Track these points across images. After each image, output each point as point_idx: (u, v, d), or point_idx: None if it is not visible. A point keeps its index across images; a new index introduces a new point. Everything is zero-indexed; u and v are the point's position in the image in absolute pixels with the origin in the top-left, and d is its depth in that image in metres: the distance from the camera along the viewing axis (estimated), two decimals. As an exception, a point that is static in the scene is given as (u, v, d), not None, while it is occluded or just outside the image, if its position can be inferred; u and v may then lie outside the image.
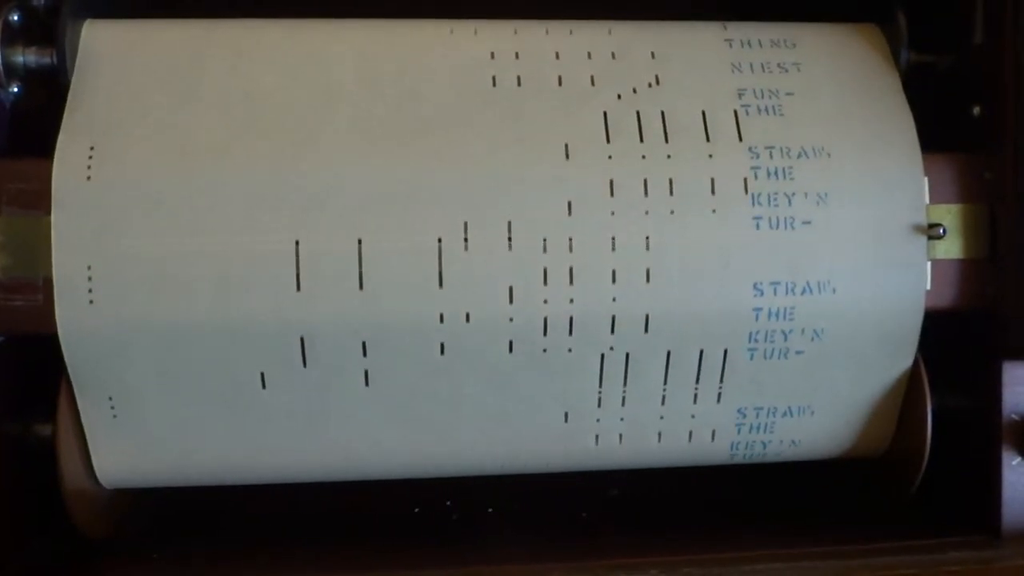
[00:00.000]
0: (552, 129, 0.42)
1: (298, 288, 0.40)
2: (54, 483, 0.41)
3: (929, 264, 0.44)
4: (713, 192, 0.42)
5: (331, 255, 0.40)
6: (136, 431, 0.42)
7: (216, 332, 0.40)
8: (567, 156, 0.42)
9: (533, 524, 0.49)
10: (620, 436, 0.44)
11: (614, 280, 0.41)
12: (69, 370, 0.41)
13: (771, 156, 0.43)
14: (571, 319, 0.42)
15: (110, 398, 0.41)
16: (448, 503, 0.50)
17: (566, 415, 0.44)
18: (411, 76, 0.43)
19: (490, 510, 0.50)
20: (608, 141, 0.42)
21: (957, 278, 0.45)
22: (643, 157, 0.42)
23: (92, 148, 0.40)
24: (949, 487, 0.47)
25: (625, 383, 0.43)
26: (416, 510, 0.50)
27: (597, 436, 0.44)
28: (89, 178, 0.40)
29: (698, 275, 0.42)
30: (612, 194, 0.42)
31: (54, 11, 0.43)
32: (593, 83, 0.43)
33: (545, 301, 0.41)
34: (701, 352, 0.43)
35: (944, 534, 0.46)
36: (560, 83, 0.43)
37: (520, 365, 0.42)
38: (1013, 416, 0.45)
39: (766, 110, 0.43)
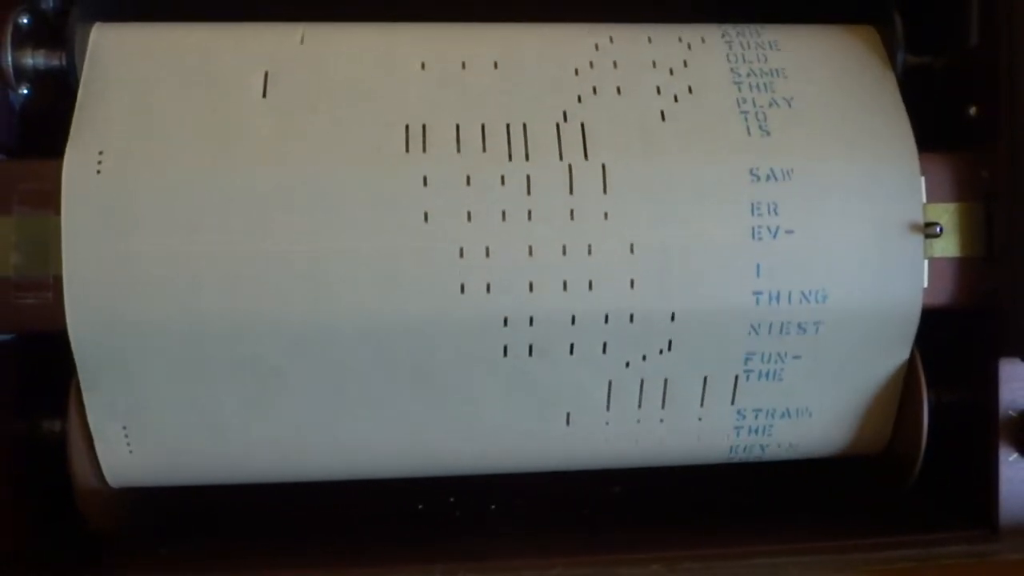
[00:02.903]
0: (557, 401, 0.43)
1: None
2: (63, 480, 0.42)
3: (926, 262, 0.44)
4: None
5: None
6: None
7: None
8: (568, 423, 0.44)
9: (535, 521, 0.50)
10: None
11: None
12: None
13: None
14: None
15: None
16: (451, 500, 0.51)
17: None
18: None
19: (493, 507, 0.51)
20: (608, 409, 0.44)
21: (954, 276, 0.45)
22: (638, 421, 0.44)
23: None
24: (947, 483, 0.47)
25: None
26: (420, 507, 0.50)
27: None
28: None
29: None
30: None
31: (63, 14, 0.43)
32: (605, 351, 0.43)
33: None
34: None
35: (941, 529, 0.46)
36: (572, 351, 0.43)
37: None
38: (1010, 412, 0.45)
39: (768, 375, 0.44)
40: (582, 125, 0.43)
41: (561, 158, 0.42)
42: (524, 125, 0.43)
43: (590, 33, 0.46)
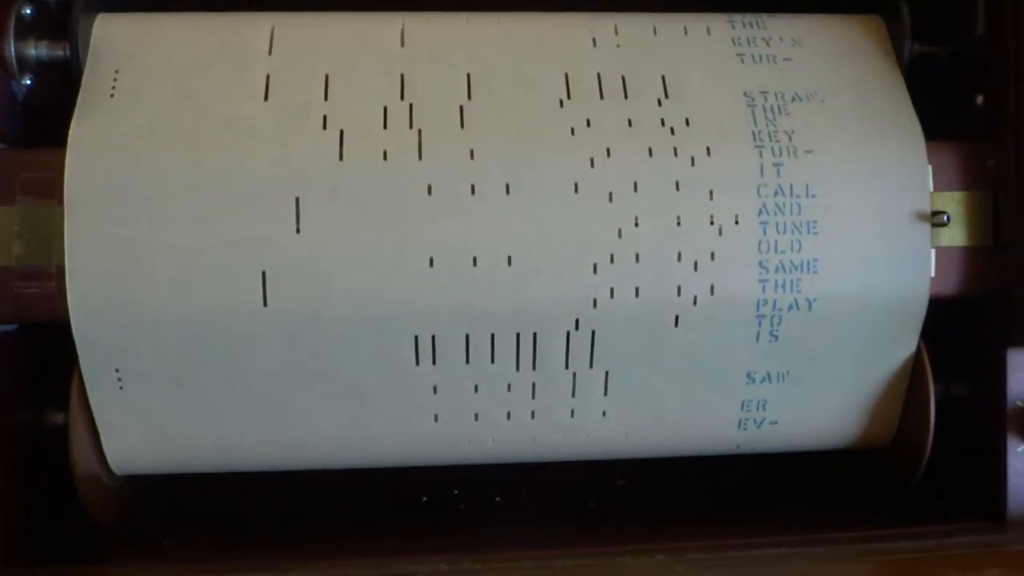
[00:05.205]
0: None
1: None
2: (66, 471, 0.42)
3: (933, 252, 0.44)
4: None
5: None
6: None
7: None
8: None
9: (540, 513, 0.50)
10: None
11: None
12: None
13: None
14: None
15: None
16: (455, 492, 0.51)
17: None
18: None
19: (497, 499, 0.50)
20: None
21: (961, 265, 0.45)
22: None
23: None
24: (954, 474, 0.47)
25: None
26: (424, 499, 0.50)
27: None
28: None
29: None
30: None
31: (66, 5, 0.43)
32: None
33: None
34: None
35: (949, 521, 0.46)
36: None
37: None
38: (1018, 403, 0.45)
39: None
40: (592, 334, 0.42)
41: (567, 367, 0.43)
42: (534, 335, 0.42)
43: (616, 213, 0.42)
